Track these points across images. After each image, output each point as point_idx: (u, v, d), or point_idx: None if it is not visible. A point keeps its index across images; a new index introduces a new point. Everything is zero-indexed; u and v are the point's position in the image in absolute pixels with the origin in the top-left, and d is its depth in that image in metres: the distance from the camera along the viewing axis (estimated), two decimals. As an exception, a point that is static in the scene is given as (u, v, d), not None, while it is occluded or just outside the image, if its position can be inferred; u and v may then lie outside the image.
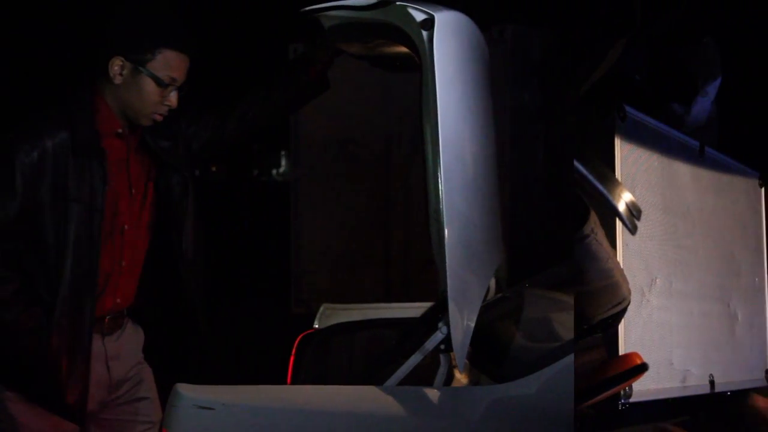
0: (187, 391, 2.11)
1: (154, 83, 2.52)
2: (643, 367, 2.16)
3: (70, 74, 2.73)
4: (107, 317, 2.64)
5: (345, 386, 2.51)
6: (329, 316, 3.25)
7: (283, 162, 22.99)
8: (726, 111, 2.89)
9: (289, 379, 3.09)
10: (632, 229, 1.95)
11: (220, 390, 2.15)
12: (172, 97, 2.56)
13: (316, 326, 3.23)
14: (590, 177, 1.92)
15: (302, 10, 2.41)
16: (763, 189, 2.73)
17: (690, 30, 2.62)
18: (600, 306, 2.05)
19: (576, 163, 1.94)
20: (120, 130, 2.59)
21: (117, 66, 2.52)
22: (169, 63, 2.53)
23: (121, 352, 2.70)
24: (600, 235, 2.04)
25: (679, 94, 2.86)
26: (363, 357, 3.16)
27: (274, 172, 24.01)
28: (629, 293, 2.08)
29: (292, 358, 3.11)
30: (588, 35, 2.14)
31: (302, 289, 6.82)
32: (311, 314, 3.39)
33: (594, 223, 2.04)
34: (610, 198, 1.92)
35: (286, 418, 2.15)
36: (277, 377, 3.15)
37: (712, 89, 2.84)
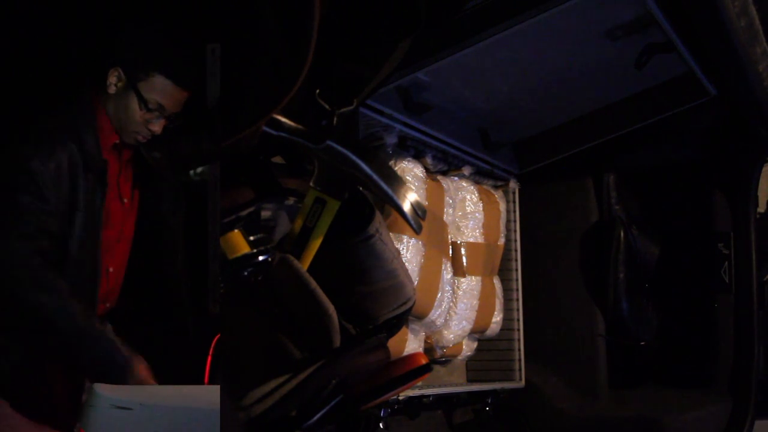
0: (104, 390, 2.10)
1: (140, 104, 2.50)
2: (427, 368, 2.18)
3: (70, 77, 2.66)
4: None
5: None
6: (248, 315, 3.23)
7: (201, 160, 22.64)
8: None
9: (206, 379, 3.08)
10: (417, 229, 1.94)
11: (137, 390, 2.16)
12: (156, 124, 2.55)
13: (235, 326, 3.21)
14: (375, 177, 1.91)
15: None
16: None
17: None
18: (385, 306, 2.04)
19: (361, 163, 1.93)
20: (117, 142, 2.57)
21: (114, 77, 2.51)
22: (159, 89, 2.51)
23: None
24: (385, 235, 2.04)
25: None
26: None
27: (191, 171, 23.67)
28: (414, 293, 2.09)
29: (209, 358, 3.10)
30: (372, 36, 2.12)
31: (220, 288, 6.77)
32: (229, 314, 3.37)
33: (379, 223, 2.03)
34: (395, 198, 1.91)
35: (204, 417, 2.16)
36: (194, 377, 3.13)
37: None
